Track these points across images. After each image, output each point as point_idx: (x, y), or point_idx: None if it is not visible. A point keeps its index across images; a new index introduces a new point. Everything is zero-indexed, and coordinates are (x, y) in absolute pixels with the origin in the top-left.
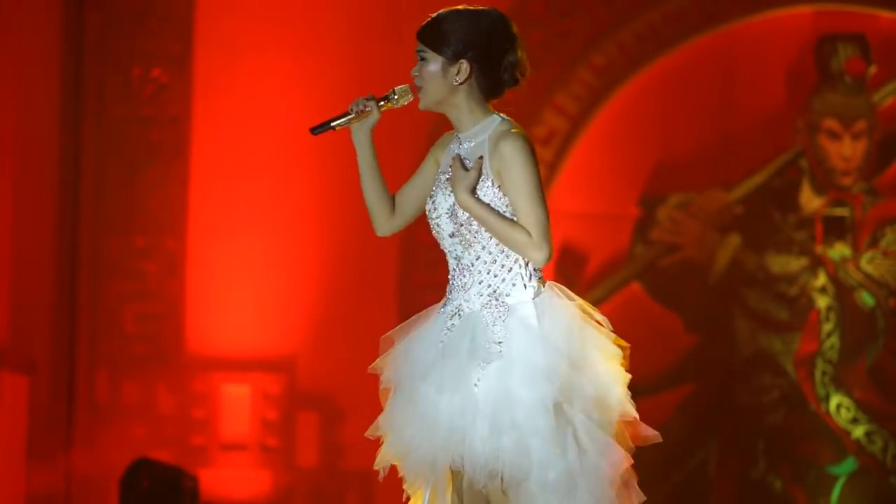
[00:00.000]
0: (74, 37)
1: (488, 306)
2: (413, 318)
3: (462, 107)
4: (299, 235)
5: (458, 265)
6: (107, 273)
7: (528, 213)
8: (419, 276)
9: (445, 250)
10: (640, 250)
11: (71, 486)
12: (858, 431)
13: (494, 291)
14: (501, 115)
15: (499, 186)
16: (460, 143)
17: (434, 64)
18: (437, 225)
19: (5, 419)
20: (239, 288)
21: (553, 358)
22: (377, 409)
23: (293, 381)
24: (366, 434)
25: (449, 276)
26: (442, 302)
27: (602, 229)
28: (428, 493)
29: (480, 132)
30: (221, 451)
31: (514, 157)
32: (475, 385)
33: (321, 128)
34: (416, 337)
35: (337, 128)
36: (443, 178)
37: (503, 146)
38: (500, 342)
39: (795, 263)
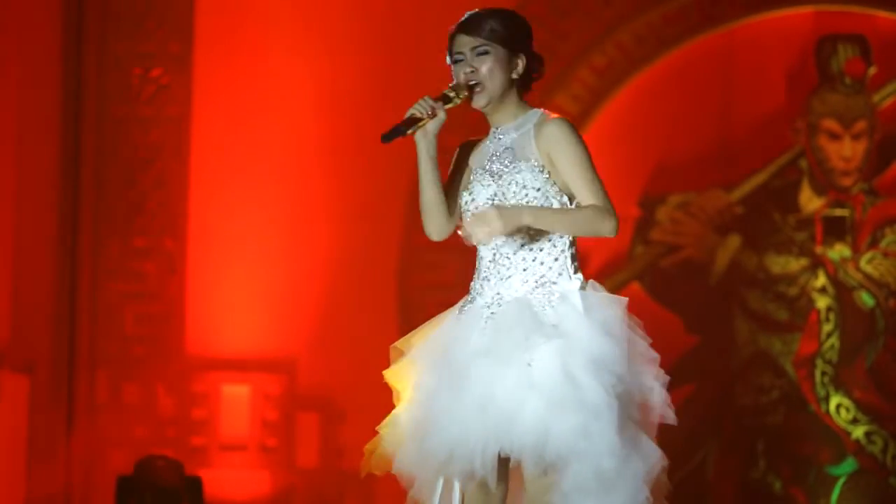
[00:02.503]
0: (74, 37)
1: (535, 292)
2: (424, 325)
3: (512, 100)
4: (300, 236)
5: (495, 256)
6: (107, 274)
7: (588, 186)
8: (420, 277)
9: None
10: (641, 251)
11: (71, 486)
12: (858, 432)
13: (541, 277)
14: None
15: (549, 173)
16: (498, 137)
17: (498, 58)
18: None
19: (5, 419)
20: (239, 289)
21: (614, 349)
22: (378, 409)
23: (293, 382)
24: (378, 428)
25: (477, 270)
26: (466, 299)
27: None
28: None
29: (524, 123)
30: (221, 451)
31: (563, 137)
32: (528, 364)
33: (393, 134)
34: (446, 334)
35: (409, 133)
36: (480, 170)
37: (549, 129)
38: (553, 325)
39: (795, 264)
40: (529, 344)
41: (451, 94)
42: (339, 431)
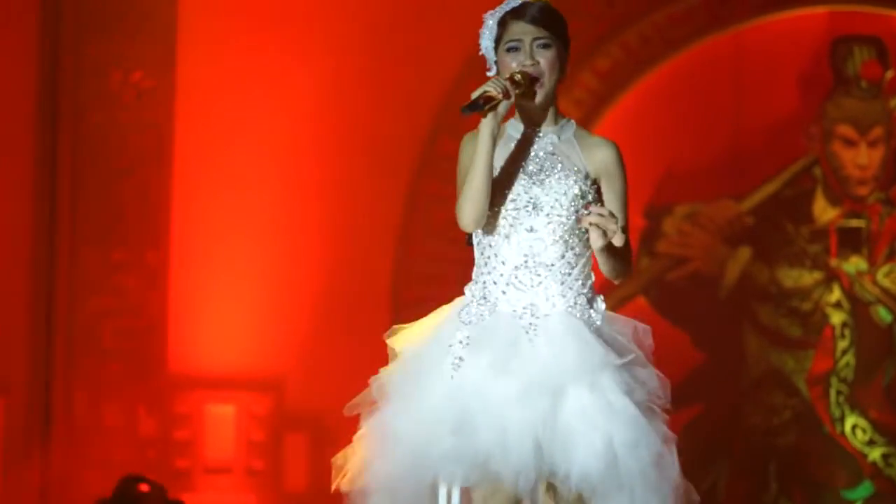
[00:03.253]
0: (50, 38)
1: (575, 310)
2: (416, 329)
3: (555, 98)
4: (288, 248)
5: (526, 262)
6: (84, 287)
7: (626, 219)
8: (415, 290)
9: (509, 245)
10: (646, 263)
11: None
12: (875, 454)
13: (578, 295)
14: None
15: (594, 182)
16: (536, 138)
17: (558, 54)
18: (515, 218)
19: None
20: (224, 303)
21: (663, 382)
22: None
23: (281, 401)
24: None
25: (487, 272)
26: (473, 302)
27: None
28: None
29: (565, 129)
30: (205, 474)
31: (619, 166)
32: (590, 389)
33: (472, 108)
34: (485, 343)
35: (485, 110)
36: (515, 170)
37: (606, 153)
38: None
39: (809, 277)
40: (596, 368)
41: (518, 77)
42: (329, 453)
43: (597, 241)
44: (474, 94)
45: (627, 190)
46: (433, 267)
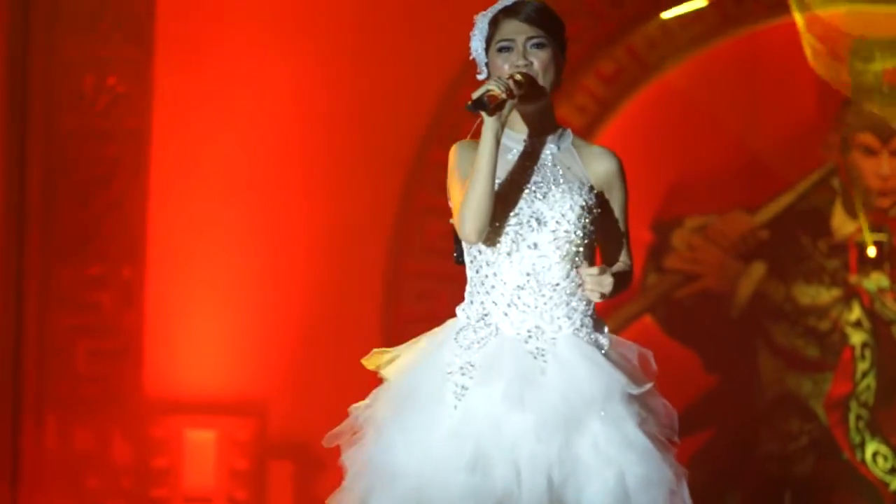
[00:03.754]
0: (19, 40)
1: (581, 333)
2: (404, 353)
3: (551, 108)
4: (272, 264)
5: (529, 281)
6: (56, 305)
7: (627, 238)
8: (406, 309)
9: (510, 263)
10: (654, 280)
11: None
12: None
13: (584, 317)
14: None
15: (598, 194)
16: (533, 148)
17: (553, 55)
18: (517, 233)
19: None
20: (204, 322)
21: (666, 414)
22: None
23: (265, 427)
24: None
25: (485, 292)
26: (468, 324)
27: None
28: None
29: (563, 138)
30: None
31: (621, 180)
32: (602, 417)
33: (478, 106)
34: (495, 371)
35: (490, 110)
36: (515, 184)
37: (609, 164)
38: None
39: (827, 295)
40: (613, 396)
41: (521, 80)
42: (316, 482)
43: (593, 297)
44: (476, 94)
45: (629, 202)
46: (426, 284)
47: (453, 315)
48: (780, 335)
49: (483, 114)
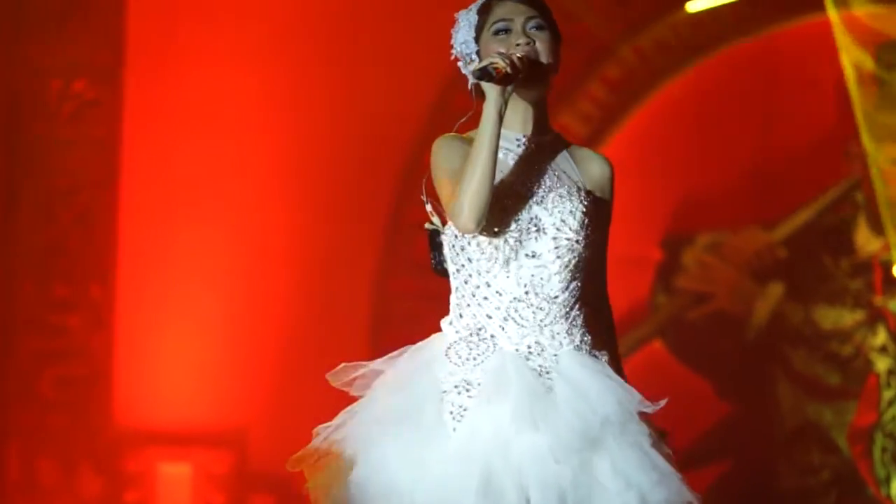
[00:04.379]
0: None
1: (582, 350)
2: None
3: (544, 103)
4: (252, 283)
5: (527, 293)
6: (19, 328)
7: (604, 262)
8: (395, 331)
9: (507, 273)
10: (663, 301)
11: None
12: None
13: (584, 333)
14: None
15: (594, 200)
16: (528, 149)
17: (553, 40)
18: (517, 241)
19: None
20: (180, 346)
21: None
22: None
23: (244, 459)
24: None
25: (476, 305)
26: (457, 339)
27: (617, 275)
28: None
29: (556, 141)
30: None
31: (612, 188)
32: (615, 445)
33: (485, 75)
34: (500, 390)
35: (498, 80)
36: (524, 184)
37: (603, 169)
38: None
39: (850, 317)
40: (628, 413)
41: (521, 60)
42: None
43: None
44: (480, 65)
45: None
46: (417, 304)
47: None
48: (799, 361)
49: (488, 86)
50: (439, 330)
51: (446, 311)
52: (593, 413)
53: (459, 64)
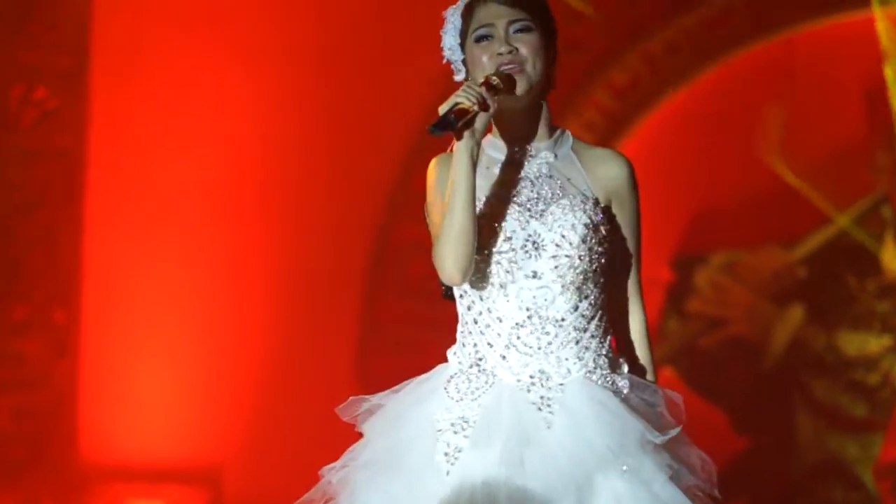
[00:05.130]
0: None
1: (594, 376)
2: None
3: (543, 105)
4: (228, 307)
5: (529, 317)
6: None
7: (637, 258)
8: (385, 359)
9: (506, 297)
10: (675, 326)
11: None
12: None
13: (597, 357)
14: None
15: (605, 208)
16: (527, 158)
17: (542, 42)
18: (511, 261)
19: None
20: (150, 375)
21: (702, 465)
22: None
23: (219, 497)
24: None
25: (478, 332)
26: (460, 369)
27: None
28: None
29: (561, 143)
30: None
31: (632, 188)
32: (624, 471)
33: (442, 126)
34: (491, 429)
35: (458, 128)
36: (506, 201)
37: (616, 169)
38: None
39: (876, 343)
40: (634, 449)
41: (496, 82)
42: None
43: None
44: (442, 108)
45: (640, 217)
46: (408, 331)
47: (436, 362)
48: (820, 390)
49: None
50: (430, 357)
51: (438, 339)
52: (589, 451)
53: (452, 68)
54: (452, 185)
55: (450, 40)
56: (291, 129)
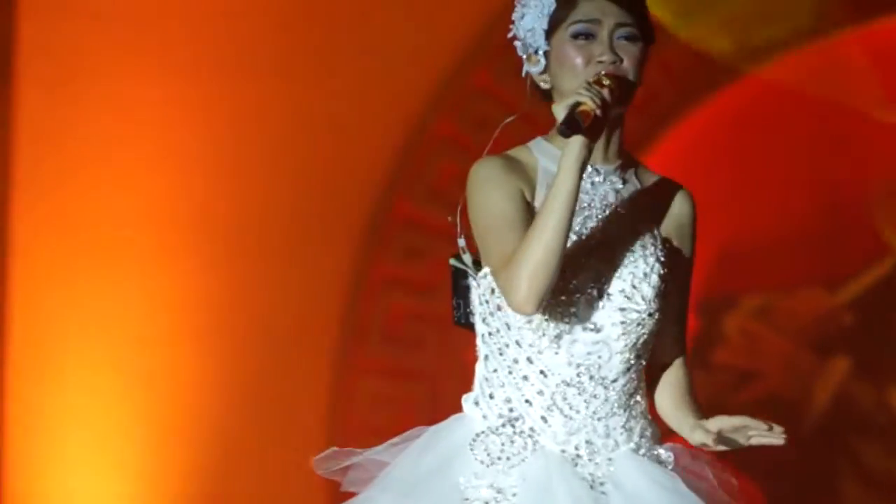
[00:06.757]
0: None
1: (642, 449)
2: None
3: (622, 120)
4: (177, 354)
5: (579, 376)
6: None
7: (686, 310)
8: (359, 417)
9: (557, 349)
10: (699, 380)
11: None
12: None
13: (644, 427)
14: None
15: (667, 247)
16: (590, 180)
17: (642, 50)
18: (572, 310)
19: None
20: (84, 431)
21: None
22: None
23: None
24: None
25: (535, 390)
26: (502, 428)
27: None
28: None
29: (627, 168)
30: None
31: (694, 228)
32: None
33: (572, 128)
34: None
35: (585, 129)
36: (585, 232)
37: (683, 206)
38: None
39: None
40: None
41: (610, 85)
42: None
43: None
44: (560, 108)
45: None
46: (386, 385)
47: (429, 420)
48: (870, 455)
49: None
50: (410, 415)
51: (420, 393)
52: None
53: (517, 46)
54: (550, 198)
55: (532, 21)
56: (254, 152)
